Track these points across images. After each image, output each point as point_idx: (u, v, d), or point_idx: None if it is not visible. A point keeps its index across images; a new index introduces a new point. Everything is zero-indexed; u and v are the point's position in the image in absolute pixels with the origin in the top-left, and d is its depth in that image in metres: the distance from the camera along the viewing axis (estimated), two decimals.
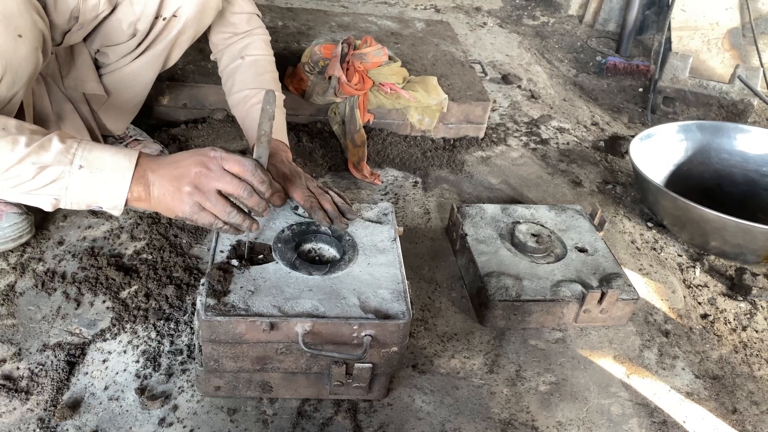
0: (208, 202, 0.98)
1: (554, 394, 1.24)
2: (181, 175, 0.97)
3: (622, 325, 1.42)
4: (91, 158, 0.96)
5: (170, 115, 1.90)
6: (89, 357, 1.19)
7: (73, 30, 1.26)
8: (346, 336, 1.04)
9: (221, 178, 0.97)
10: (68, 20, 1.22)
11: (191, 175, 0.97)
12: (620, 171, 2.06)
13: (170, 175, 0.98)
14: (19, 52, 1.03)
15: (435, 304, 1.42)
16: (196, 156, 0.99)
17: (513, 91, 2.48)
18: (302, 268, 1.12)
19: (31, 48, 1.06)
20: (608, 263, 1.45)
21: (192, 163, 0.98)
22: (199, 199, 0.98)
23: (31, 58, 1.07)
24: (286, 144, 1.37)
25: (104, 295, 1.31)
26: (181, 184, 0.97)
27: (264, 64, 1.48)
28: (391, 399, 1.18)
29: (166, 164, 1.00)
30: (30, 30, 1.05)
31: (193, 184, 0.97)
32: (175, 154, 1.02)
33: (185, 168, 0.98)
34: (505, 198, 1.82)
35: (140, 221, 1.49)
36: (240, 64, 1.45)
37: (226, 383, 1.11)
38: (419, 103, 1.92)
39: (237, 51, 1.47)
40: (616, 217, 1.80)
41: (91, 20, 1.27)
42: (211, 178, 0.97)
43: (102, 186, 0.97)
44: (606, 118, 2.42)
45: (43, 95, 1.38)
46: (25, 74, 1.07)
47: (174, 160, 1.00)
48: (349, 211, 1.23)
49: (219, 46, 1.51)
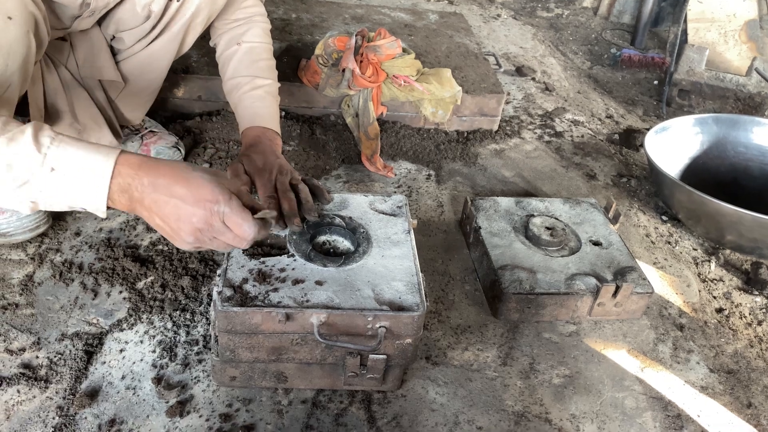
0: (209, 245, 0.95)
1: (568, 387, 1.25)
2: (181, 221, 0.90)
3: (636, 318, 1.42)
4: (65, 158, 0.87)
5: (185, 107, 1.91)
6: (107, 347, 1.20)
7: (84, 15, 1.26)
8: (361, 327, 1.05)
9: (222, 235, 0.92)
10: (80, 6, 1.22)
11: (191, 228, 0.90)
12: (635, 164, 2.04)
13: (168, 213, 0.90)
14: (9, 33, 1.03)
15: (448, 297, 1.42)
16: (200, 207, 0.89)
17: (527, 83, 2.47)
18: (317, 260, 1.13)
19: (22, 31, 1.05)
20: (623, 257, 1.45)
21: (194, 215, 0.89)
22: (199, 244, 0.93)
23: (22, 41, 1.06)
24: (276, 132, 1.37)
25: (121, 285, 1.32)
26: (181, 232, 0.91)
27: (260, 51, 1.47)
28: (404, 390, 1.19)
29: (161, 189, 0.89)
30: (20, 12, 1.04)
31: (193, 236, 0.91)
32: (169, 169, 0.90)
33: (186, 216, 0.89)
34: (519, 191, 1.82)
35: None
36: (236, 50, 1.45)
37: (242, 373, 1.12)
38: (433, 95, 1.91)
39: (234, 37, 1.47)
40: (630, 211, 1.80)
41: (102, 7, 1.27)
42: (212, 233, 0.92)
43: (78, 189, 0.89)
44: (621, 111, 2.40)
45: (56, 87, 1.38)
46: (17, 57, 1.06)
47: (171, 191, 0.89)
48: (311, 209, 1.19)
49: (218, 31, 1.51)
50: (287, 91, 1.87)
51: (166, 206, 0.89)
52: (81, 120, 1.42)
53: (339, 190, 1.68)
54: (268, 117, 1.38)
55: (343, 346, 1.05)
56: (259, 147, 1.29)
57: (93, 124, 1.45)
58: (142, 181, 0.89)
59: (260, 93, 1.40)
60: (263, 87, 1.41)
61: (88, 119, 1.44)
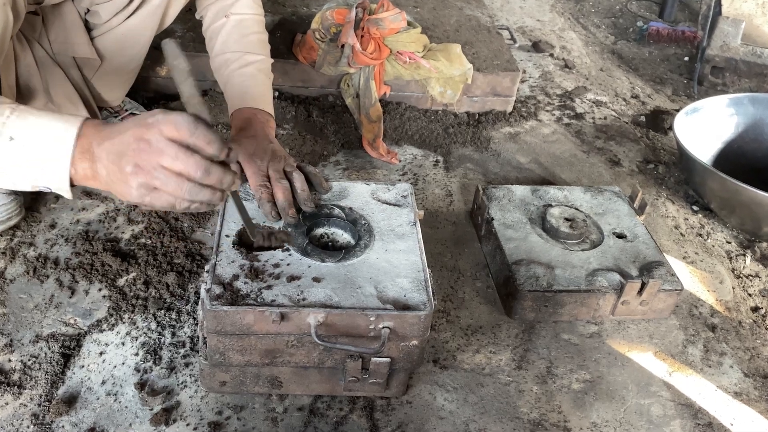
0: (157, 180, 0.84)
1: (589, 393, 1.24)
2: (120, 152, 0.85)
3: (664, 318, 1.42)
4: (24, 127, 0.87)
5: (169, 87, 1.91)
6: (85, 349, 1.20)
7: None
8: (362, 328, 1.05)
9: (163, 150, 0.82)
10: None
11: (130, 153, 0.84)
12: (663, 149, 2.04)
13: (111, 151, 0.86)
14: None
15: (458, 295, 1.42)
16: (135, 126, 0.84)
17: (544, 60, 2.46)
18: (314, 254, 1.13)
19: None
20: (649, 250, 1.45)
21: (130, 137, 0.84)
22: (145, 180, 0.84)
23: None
24: (269, 114, 1.36)
25: (100, 282, 1.32)
26: (123, 164, 0.84)
27: (250, 24, 1.46)
28: (410, 396, 1.19)
29: (109, 135, 0.87)
30: None
31: (133, 162, 0.83)
32: (122, 122, 0.88)
33: (124, 143, 0.85)
34: (536, 179, 1.82)
35: None
36: (224, 23, 1.44)
37: (233, 378, 1.12)
38: (441, 73, 1.91)
39: (222, 9, 1.46)
40: (658, 200, 1.79)
41: None
42: (152, 153, 0.83)
43: (39, 162, 0.88)
44: (647, 91, 2.39)
45: (29, 63, 1.38)
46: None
47: (117, 131, 0.87)
48: (307, 199, 1.18)
49: (204, 2, 1.50)
50: (281, 69, 1.87)
51: (113, 145, 0.85)
52: (56, 100, 1.42)
53: (338, 178, 1.67)
54: (260, 97, 1.37)
55: (343, 348, 1.05)
56: (250, 130, 1.28)
57: (69, 104, 1.45)
58: (101, 134, 0.87)
59: (251, 70, 1.40)
60: (254, 63, 1.41)
61: (64, 99, 1.44)
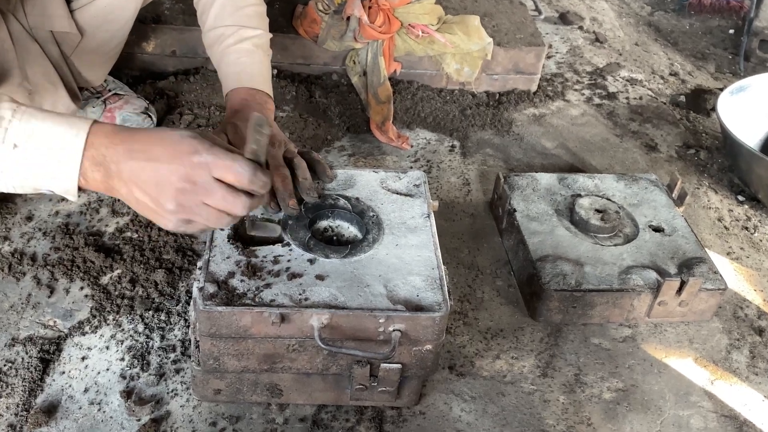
0: (198, 216, 0.92)
1: (621, 404, 1.24)
2: (159, 185, 0.89)
3: (705, 320, 1.42)
4: (29, 133, 0.88)
5: (156, 64, 1.91)
6: (66, 354, 1.21)
7: None
8: (371, 331, 1.05)
9: (211, 191, 0.90)
10: None
11: (172, 191, 0.89)
12: (705, 132, 2.03)
13: (142, 178, 0.90)
14: None
15: (477, 294, 1.42)
16: (178, 162, 0.89)
17: (573, 33, 2.46)
18: (318, 249, 1.13)
19: None
20: (689, 245, 1.44)
21: (173, 173, 0.88)
22: (185, 216, 0.91)
23: None
24: (267, 94, 1.36)
25: (82, 280, 1.33)
26: (162, 199, 0.90)
27: None
28: (423, 406, 1.19)
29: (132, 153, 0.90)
30: None
31: (176, 201, 0.89)
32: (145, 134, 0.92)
33: (165, 176, 0.89)
34: (563, 166, 1.82)
35: None
36: None
37: (228, 386, 1.13)
38: (457, 48, 1.90)
39: None
40: (699, 189, 1.78)
41: None
42: (198, 193, 0.90)
43: (44, 168, 0.90)
44: (688, 67, 2.38)
45: (3, 38, 1.38)
46: None
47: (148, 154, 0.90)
48: (309, 189, 1.19)
49: None
50: (280, 44, 1.87)
51: (144, 172, 0.90)
52: (32, 79, 1.43)
53: (343, 166, 1.68)
54: (258, 75, 1.37)
55: (349, 353, 1.05)
56: (246, 113, 1.28)
57: (47, 83, 1.45)
58: (117, 149, 0.90)
59: (248, 46, 1.40)
60: (251, 39, 1.40)
61: (41, 78, 1.45)
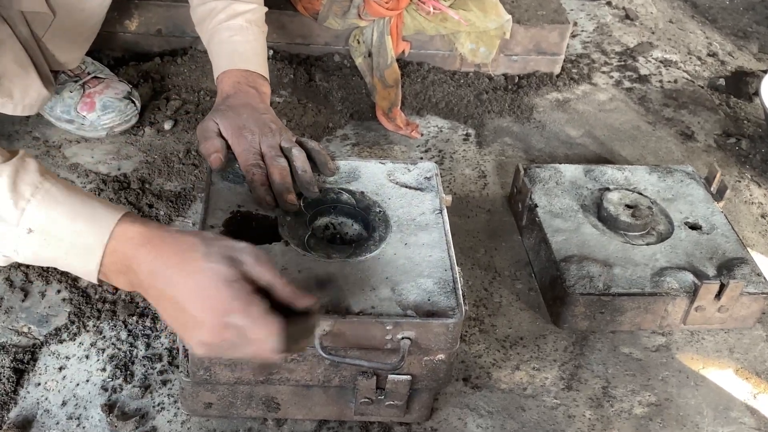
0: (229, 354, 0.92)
1: (654, 419, 1.25)
2: (186, 330, 0.90)
3: (747, 327, 1.42)
4: (46, 222, 0.89)
5: (140, 44, 1.92)
6: (42, 363, 1.22)
7: None
8: (377, 339, 1.05)
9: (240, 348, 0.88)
10: None
11: (197, 342, 0.89)
12: (747, 119, 2.03)
13: (171, 316, 0.90)
14: None
15: (494, 299, 1.43)
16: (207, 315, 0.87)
17: (601, 9, 2.45)
18: (318, 249, 1.14)
19: None
20: (730, 245, 1.45)
21: (200, 326, 0.87)
22: (215, 354, 0.94)
23: None
24: (264, 76, 1.37)
25: (59, 283, 1.34)
26: (186, 339, 0.91)
27: None
28: (435, 422, 1.20)
29: (162, 281, 0.89)
30: None
31: (202, 348, 0.90)
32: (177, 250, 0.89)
33: (190, 325, 0.88)
34: (590, 156, 1.81)
35: (104, 186, 1.53)
36: None
37: (220, 399, 1.13)
38: (473, 26, 1.90)
39: None
40: (740, 182, 1.79)
41: None
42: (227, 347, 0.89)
43: (62, 257, 0.91)
44: (728, 47, 2.37)
45: None
46: None
47: (174, 287, 0.88)
48: (309, 182, 1.20)
49: None
50: (276, 22, 1.87)
51: (170, 307, 0.89)
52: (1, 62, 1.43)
53: (346, 156, 1.68)
54: (252, 55, 1.37)
55: (353, 363, 1.05)
56: (239, 97, 1.29)
57: (17, 67, 1.46)
58: (141, 268, 0.89)
59: (241, 22, 1.40)
60: (244, 14, 1.41)
61: (11, 62, 1.45)
